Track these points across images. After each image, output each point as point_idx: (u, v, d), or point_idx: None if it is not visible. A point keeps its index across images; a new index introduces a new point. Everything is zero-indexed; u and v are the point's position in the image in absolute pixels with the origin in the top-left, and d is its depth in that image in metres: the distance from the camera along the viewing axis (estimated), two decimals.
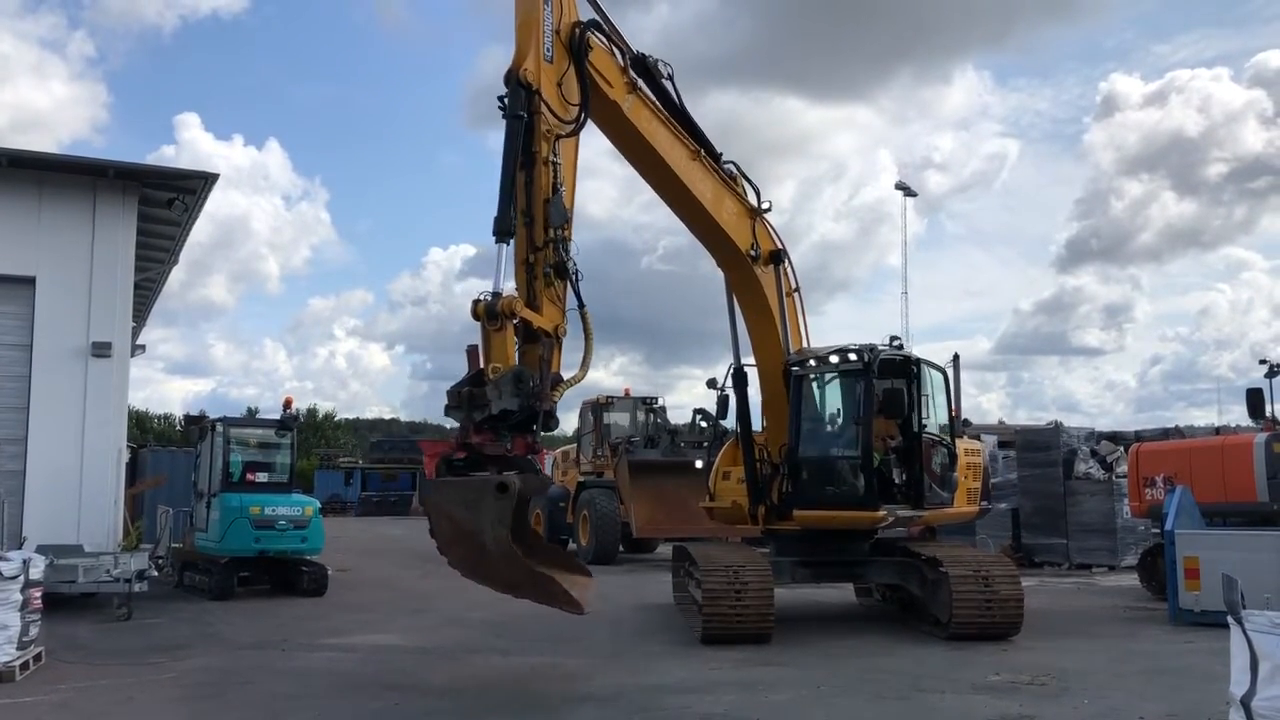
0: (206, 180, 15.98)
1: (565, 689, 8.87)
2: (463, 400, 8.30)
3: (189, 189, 16.23)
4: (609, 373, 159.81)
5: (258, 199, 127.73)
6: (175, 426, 63.59)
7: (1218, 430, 20.32)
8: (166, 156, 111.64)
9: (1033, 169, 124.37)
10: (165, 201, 16.32)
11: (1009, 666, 9.48)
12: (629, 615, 13.25)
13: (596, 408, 23.25)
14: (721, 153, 12.18)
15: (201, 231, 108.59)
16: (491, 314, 8.33)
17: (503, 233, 8.73)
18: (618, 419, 23.61)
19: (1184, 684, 8.75)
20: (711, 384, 13.09)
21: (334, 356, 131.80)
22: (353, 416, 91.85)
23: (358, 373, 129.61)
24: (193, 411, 23.72)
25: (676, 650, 10.62)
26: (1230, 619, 5.31)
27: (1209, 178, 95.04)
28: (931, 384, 12.07)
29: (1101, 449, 20.06)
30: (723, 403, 12.92)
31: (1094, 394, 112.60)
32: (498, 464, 8.28)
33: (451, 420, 8.69)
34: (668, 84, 11.58)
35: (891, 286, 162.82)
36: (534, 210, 9.07)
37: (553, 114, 9.45)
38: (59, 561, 11.96)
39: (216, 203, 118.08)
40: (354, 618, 13.40)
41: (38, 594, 9.77)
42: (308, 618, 13.36)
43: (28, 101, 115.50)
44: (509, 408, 8.22)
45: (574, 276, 9.30)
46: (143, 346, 24.73)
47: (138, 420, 58.37)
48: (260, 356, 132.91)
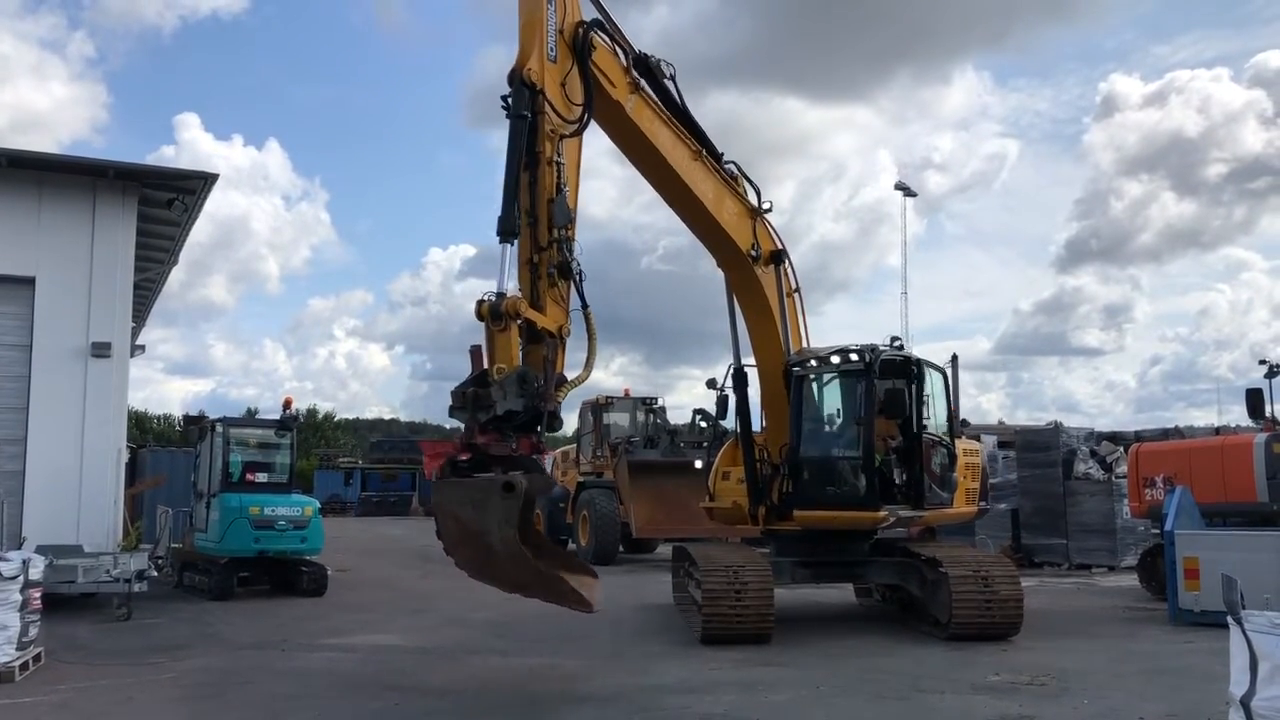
0: (206, 180, 15.98)
1: (565, 689, 8.88)
2: (467, 401, 8.27)
3: (189, 189, 16.23)
4: (609, 373, 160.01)
5: (257, 199, 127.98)
6: (175, 427, 63.53)
7: (1217, 430, 20.38)
8: (166, 157, 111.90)
9: (1032, 169, 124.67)
10: (165, 202, 16.32)
11: (1009, 667, 9.49)
12: (629, 615, 13.23)
13: (596, 408, 23.24)
14: (723, 153, 12.19)
15: (201, 232, 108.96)
16: (496, 314, 8.32)
17: (507, 233, 8.71)
18: (617, 419, 23.62)
19: (1184, 684, 8.76)
20: (711, 384, 13.10)
21: (334, 357, 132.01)
22: (352, 417, 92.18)
23: (357, 373, 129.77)
24: (192, 412, 23.70)
25: (676, 650, 10.62)
26: (1230, 619, 5.31)
27: (1209, 178, 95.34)
28: (932, 384, 12.08)
29: (1101, 449, 20.07)
30: (722, 403, 12.92)
31: (1094, 394, 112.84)
32: (503, 464, 8.26)
33: (454, 420, 8.67)
34: (670, 84, 11.57)
35: (891, 287, 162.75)
36: (538, 210, 9.06)
37: (556, 114, 9.44)
38: (59, 562, 11.95)
39: (216, 203, 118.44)
40: (354, 618, 13.40)
41: (37, 594, 9.77)
42: (307, 618, 13.36)
43: (28, 102, 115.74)
44: (514, 408, 8.19)
45: (578, 277, 9.28)
46: (142, 347, 24.79)
47: (137, 420, 58.31)
48: (260, 357, 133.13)
